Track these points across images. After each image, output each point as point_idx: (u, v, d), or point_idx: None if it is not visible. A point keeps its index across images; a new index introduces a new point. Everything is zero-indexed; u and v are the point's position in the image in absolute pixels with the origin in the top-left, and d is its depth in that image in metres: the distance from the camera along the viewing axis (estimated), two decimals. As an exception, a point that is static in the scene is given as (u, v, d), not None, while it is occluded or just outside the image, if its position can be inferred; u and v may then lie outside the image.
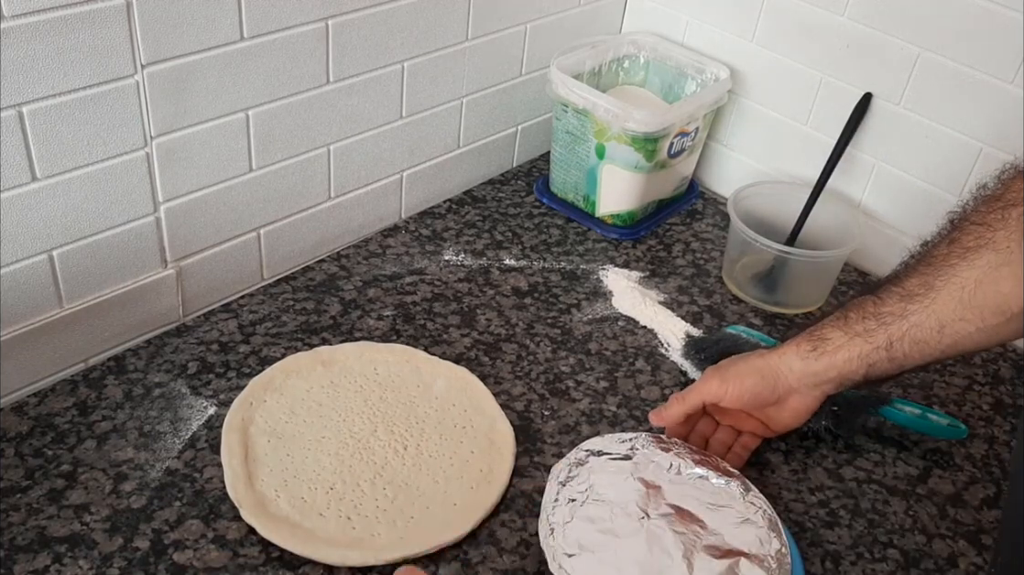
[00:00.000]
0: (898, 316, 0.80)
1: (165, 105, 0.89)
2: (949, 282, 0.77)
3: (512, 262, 1.17)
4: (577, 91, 1.18)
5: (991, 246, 0.76)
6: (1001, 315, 0.76)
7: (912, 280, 0.80)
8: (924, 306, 0.79)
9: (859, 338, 0.82)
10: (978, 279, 0.76)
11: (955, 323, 0.78)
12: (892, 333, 0.80)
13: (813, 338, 0.85)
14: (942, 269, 0.78)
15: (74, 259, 0.90)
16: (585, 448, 0.88)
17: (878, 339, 0.81)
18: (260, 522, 0.80)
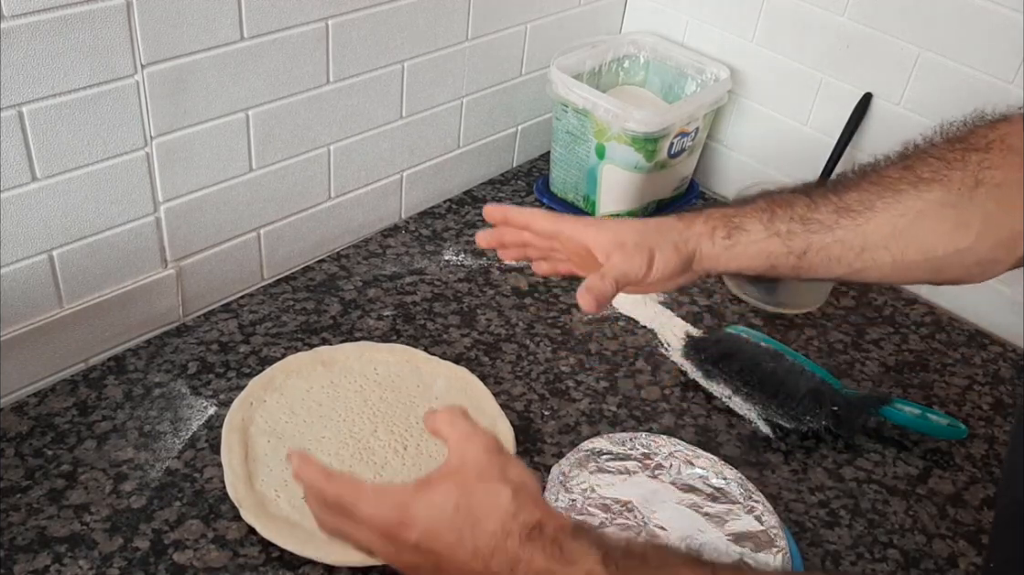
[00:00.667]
0: (826, 227, 0.75)
1: (165, 105, 0.89)
2: (891, 206, 0.74)
3: (512, 262, 1.16)
4: (577, 91, 1.18)
5: (944, 183, 0.72)
6: (922, 254, 0.73)
7: (852, 194, 0.75)
8: (856, 224, 0.74)
9: (777, 238, 0.76)
10: (920, 210, 0.73)
11: (877, 250, 0.74)
12: (812, 242, 0.75)
13: (731, 225, 0.78)
14: (888, 191, 0.74)
15: (74, 259, 0.90)
16: (585, 448, 0.88)
17: (795, 244, 0.76)
18: (260, 522, 0.80)
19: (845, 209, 0.75)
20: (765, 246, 0.77)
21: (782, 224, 0.76)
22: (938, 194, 0.73)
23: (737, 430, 0.97)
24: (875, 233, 0.74)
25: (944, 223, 0.72)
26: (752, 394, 0.97)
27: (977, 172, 0.72)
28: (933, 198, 0.73)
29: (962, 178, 0.72)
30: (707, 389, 1.00)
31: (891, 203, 0.74)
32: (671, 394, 1.00)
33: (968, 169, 0.72)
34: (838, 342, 1.10)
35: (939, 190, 0.73)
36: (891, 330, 1.13)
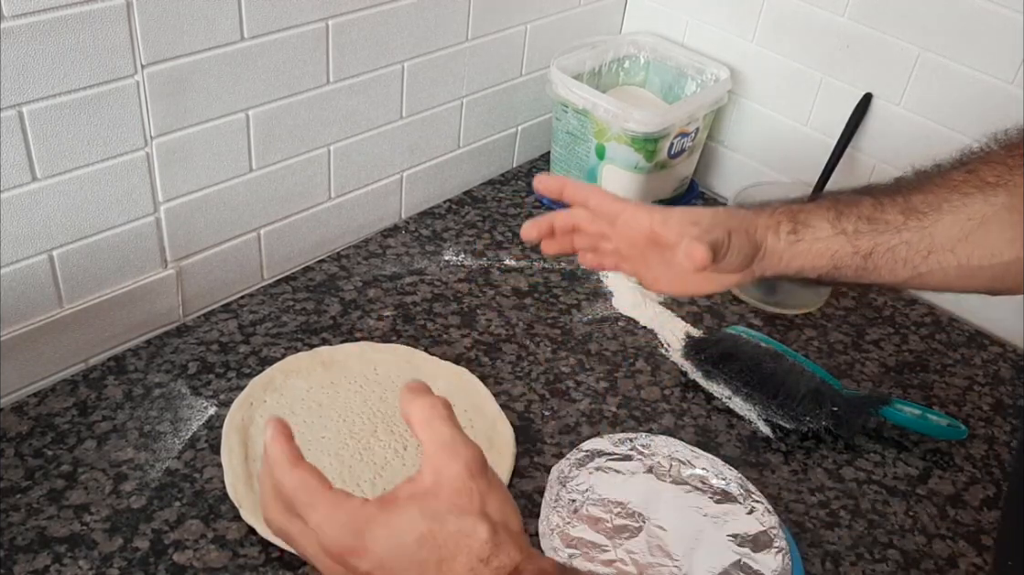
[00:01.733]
0: (894, 228, 0.73)
1: (165, 105, 0.89)
2: (959, 209, 0.72)
3: (512, 262, 1.17)
4: (577, 91, 1.18)
5: (1010, 188, 0.71)
6: (987, 260, 0.72)
7: (918, 196, 0.73)
8: (923, 226, 0.73)
9: (844, 236, 0.74)
10: (987, 215, 0.71)
11: (943, 252, 0.73)
12: (879, 243, 0.74)
13: (797, 220, 0.75)
14: (955, 194, 0.72)
15: (74, 259, 0.90)
16: (585, 449, 0.88)
17: (862, 244, 0.74)
18: (260, 522, 0.80)
19: (912, 210, 0.73)
20: (831, 244, 0.74)
21: (848, 223, 0.74)
22: (1004, 199, 0.71)
23: (737, 430, 0.97)
24: (942, 235, 0.72)
25: (1011, 229, 0.71)
26: (752, 394, 0.97)
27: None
28: (1000, 203, 0.71)
29: None
30: (707, 389, 1.00)
31: (958, 206, 0.72)
32: (671, 394, 1.00)
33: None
34: (838, 342, 1.10)
35: (1005, 195, 0.71)
36: (891, 330, 1.13)
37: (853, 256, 0.74)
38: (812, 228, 0.75)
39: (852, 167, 1.18)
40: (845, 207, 0.75)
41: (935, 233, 0.72)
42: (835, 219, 0.75)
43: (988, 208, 0.71)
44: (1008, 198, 0.71)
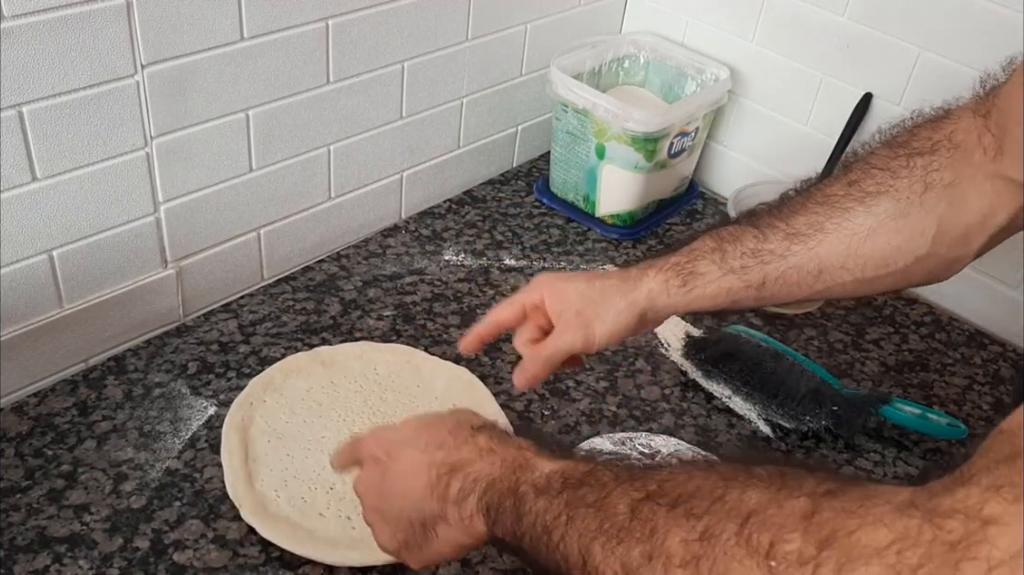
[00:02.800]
0: (778, 256, 0.74)
1: (165, 105, 0.89)
2: (841, 226, 0.72)
3: (512, 262, 1.17)
4: (577, 91, 1.18)
5: (892, 194, 0.72)
6: (883, 269, 0.73)
7: (800, 218, 0.74)
8: (808, 248, 0.73)
9: (733, 275, 0.75)
10: (872, 227, 0.72)
11: (835, 270, 0.73)
12: (768, 272, 0.74)
13: (684, 271, 0.76)
14: (836, 210, 0.73)
15: (74, 259, 0.90)
16: (585, 448, 0.88)
17: (752, 277, 0.75)
18: (260, 522, 0.80)
19: (795, 235, 0.74)
20: (722, 284, 0.76)
21: (734, 260, 0.75)
22: (887, 206, 0.72)
23: (737, 430, 0.97)
24: (829, 255, 0.73)
25: (898, 235, 0.72)
26: (752, 394, 0.97)
27: (924, 176, 0.71)
28: (882, 211, 0.72)
29: (909, 185, 0.72)
30: (707, 389, 1.00)
31: (841, 223, 0.73)
32: (671, 394, 1.00)
33: (915, 175, 0.71)
34: (838, 342, 1.10)
35: (887, 202, 0.72)
36: (891, 330, 1.13)
37: (746, 290, 0.75)
38: (701, 275, 0.76)
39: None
40: (729, 244, 0.76)
41: (822, 254, 0.73)
42: (721, 260, 0.76)
43: (871, 219, 0.72)
44: (892, 204, 0.71)
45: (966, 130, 0.71)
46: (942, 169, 0.71)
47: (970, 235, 0.71)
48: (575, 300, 0.77)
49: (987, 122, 0.70)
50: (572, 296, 0.77)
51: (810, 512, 0.43)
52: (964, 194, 0.70)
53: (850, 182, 0.74)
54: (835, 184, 0.74)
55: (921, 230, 0.71)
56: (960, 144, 0.71)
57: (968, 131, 0.71)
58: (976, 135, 0.70)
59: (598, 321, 0.76)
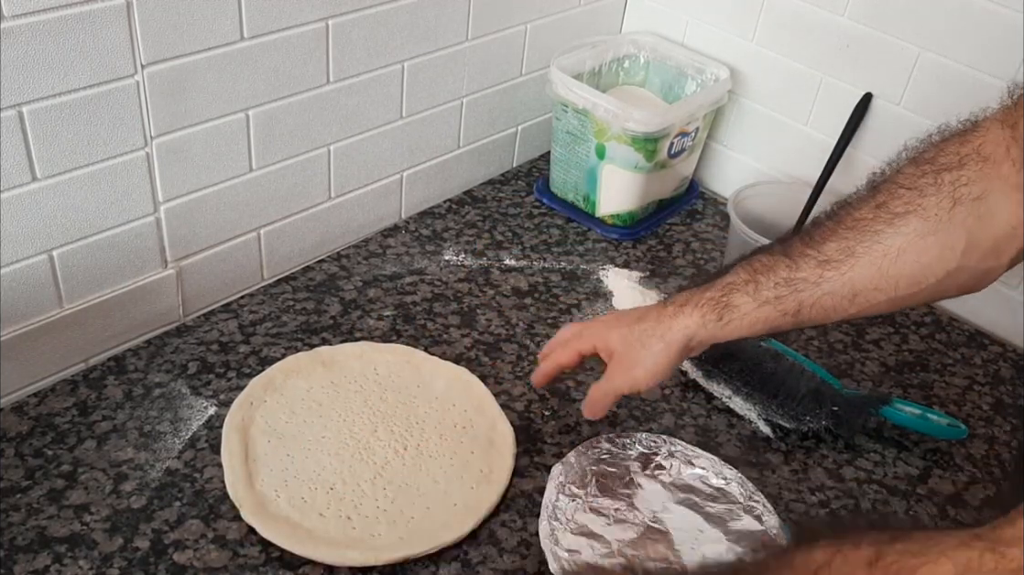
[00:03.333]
0: (812, 283, 0.76)
1: (165, 105, 0.89)
2: (871, 249, 0.74)
3: (512, 262, 1.17)
4: (577, 91, 1.18)
5: (919, 213, 0.72)
6: (916, 286, 0.73)
7: (831, 244, 0.75)
8: (841, 273, 0.75)
9: (768, 305, 0.77)
10: (901, 248, 0.73)
11: (869, 292, 0.74)
12: (803, 300, 0.76)
13: (719, 306, 0.79)
14: (865, 234, 0.74)
15: (74, 259, 0.90)
16: (585, 448, 0.88)
17: (787, 305, 0.77)
18: (260, 522, 0.80)
19: (827, 262, 0.75)
20: (759, 314, 0.77)
21: (768, 291, 0.77)
22: (916, 225, 0.72)
23: (737, 430, 0.97)
24: (862, 279, 0.74)
25: (928, 253, 0.72)
26: (752, 394, 0.97)
27: (952, 192, 0.71)
28: (911, 230, 0.72)
29: (937, 203, 0.72)
30: (707, 389, 1.00)
31: (871, 246, 0.74)
32: (671, 394, 1.00)
33: (942, 192, 0.72)
34: (838, 342, 1.10)
35: (916, 221, 0.72)
36: (891, 330, 1.13)
37: (783, 317, 0.77)
38: (736, 307, 0.78)
39: (852, 167, 1.18)
40: (762, 275, 0.78)
41: (854, 278, 0.74)
42: (755, 291, 0.78)
43: (900, 240, 0.73)
44: (920, 223, 0.72)
45: (995, 142, 0.71)
46: (970, 183, 0.71)
47: (1000, 247, 0.71)
48: (618, 346, 0.82)
49: (1015, 133, 0.70)
50: (616, 343, 0.83)
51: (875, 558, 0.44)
52: (993, 207, 0.70)
53: (878, 204, 0.74)
54: (863, 207, 0.75)
55: (951, 245, 0.71)
56: (989, 157, 0.71)
57: (996, 143, 0.71)
58: (1005, 147, 0.70)
59: (639, 366, 0.81)
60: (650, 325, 0.81)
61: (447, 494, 0.85)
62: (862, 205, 0.75)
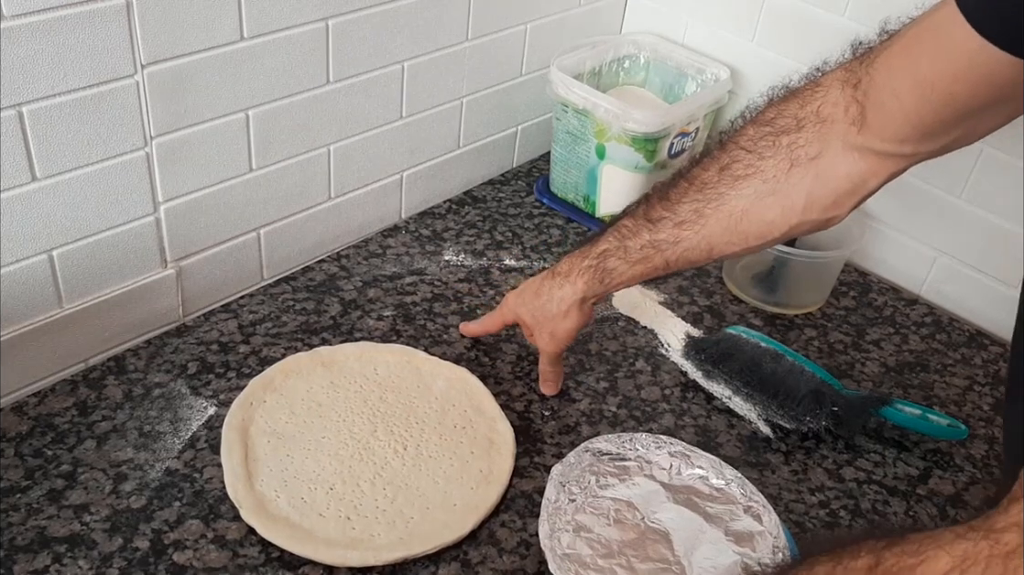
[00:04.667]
0: (672, 243, 0.83)
1: (165, 105, 0.89)
2: (718, 210, 0.80)
3: (512, 262, 1.17)
4: (577, 91, 1.18)
5: (759, 175, 0.78)
6: (764, 238, 0.80)
7: (684, 206, 0.82)
8: (695, 231, 0.82)
9: (639, 264, 0.86)
10: (744, 209, 0.79)
11: (723, 245, 0.82)
12: (668, 257, 0.84)
13: (598, 271, 0.88)
14: (712, 197, 0.81)
15: (74, 259, 0.90)
16: (585, 448, 0.88)
17: (655, 262, 0.85)
18: (260, 522, 0.80)
19: (681, 223, 0.83)
20: (634, 273, 0.87)
21: (636, 254, 0.86)
22: (756, 187, 0.78)
23: (737, 430, 0.97)
24: (714, 236, 0.81)
25: (770, 212, 0.78)
26: (752, 395, 0.97)
27: (790, 154, 0.76)
28: (752, 193, 0.79)
29: (775, 165, 0.77)
30: (707, 389, 1.00)
31: (717, 208, 0.80)
32: (671, 394, 1.00)
33: (780, 154, 0.77)
34: (838, 342, 1.10)
35: (756, 183, 0.78)
36: (891, 330, 1.13)
37: (655, 270, 0.86)
38: (613, 270, 0.88)
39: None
40: (629, 240, 0.86)
41: (708, 236, 0.82)
42: (625, 255, 0.87)
43: (743, 202, 0.79)
44: (760, 185, 0.78)
45: (834, 103, 0.75)
46: (808, 144, 0.76)
47: (840, 201, 0.77)
48: (531, 321, 0.94)
49: (855, 92, 0.73)
50: (528, 318, 0.95)
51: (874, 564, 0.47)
52: (830, 165, 0.75)
53: (722, 167, 0.81)
54: (711, 168, 0.82)
55: (791, 205, 0.77)
56: (827, 118, 0.75)
57: (835, 104, 0.75)
58: (843, 107, 0.74)
59: (555, 333, 0.93)
60: (546, 299, 0.92)
61: (447, 494, 0.85)
62: (710, 166, 0.82)
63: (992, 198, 1.10)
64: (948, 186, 1.12)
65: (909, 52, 0.69)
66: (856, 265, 1.23)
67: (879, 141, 0.72)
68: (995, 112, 0.68)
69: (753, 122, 0.80)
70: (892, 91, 0.70)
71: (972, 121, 0.69)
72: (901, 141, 0.71)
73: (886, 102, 0.70)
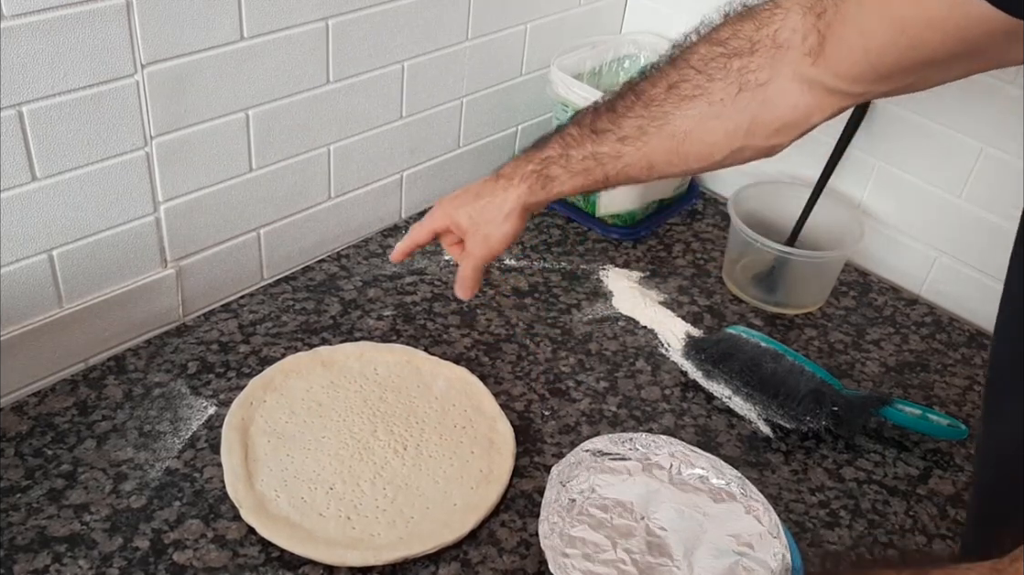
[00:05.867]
0: (613, 157, 0.82)
1: (165, 105, 0.89)
2: (662, 129, 0.79)
3: (512, 262, 1.17)
4: (577, 91, 1.18)
5: (706, 97, 0.76)
6: (705, 161, 0.80)
7: (629, 121, 0.81)
8: (636, 148, 0.81)
9: (579, 175, 0.85)
10: (688, 129, 0.78)
11: (663, 165, 0.81)
12: (608, 171, 0.83)
13: (541, 177, 0.87)
14: (656, 115, 0.79)
15: (74, 259, 0.90)
16: (585, 448, 0.88)
17: (596, 176, 0.84)
18: (260, 522, 0.80)
19: (625, 138, 0.81)
20: (575, 183, 0.86)
21: (577, 164, 0.85)
22: (701, 109, 0.77)
23: (737, 430, 0.97)
24: (656, 154, 0.81)
25: (713, 134, 0.77)
26: (752, 394, 0.97)
27: (739, 79, 0.75)
28: (697, 114, 0.77)
29: (724, 87, 0.75)
30: (707, 389, 1.00)
31: (661, 127, 0.79)
32: (671, 394, 1.00)
33: (730, 78, 0.75)
34: (838, 342, 1.10)
35: (702, 105, 0.77)
36: (891, 330, 1.13)
37: (595, 184, 0.85)
38: (555, 178, 0.86)
39: (852, 167, 1.18)
40: (572, 149, 0.85)
41: (649, 154, 0.81)
42: (567, 164, 0.85)
43: (687, 122, 0.78)
44: (706, 107, 0.77)
45: (792, 28, 0.72)
46: (759, 70, 0.74)
47: (785, 129, 0.76)
48: (467, 223, 0.90)
49: (818, 22, 0.70)
50: (464, 221, 0.90)
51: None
52: (778, 93, 0.73)
53: (670, 85, 0.79)
54: (660, 84, 0.80)
55: (734, 129, 0.76)
56: (783, 44, 0.73)
57: (794, 30, 0.72)
58: (801, 35, 0.72)
59: (491, 236, 0.89)
60: (487, 200, 0.89)
61: (447, 494, 0.85)
62: (658, 82, 0.80)
63: (992, 198, 1.10)
64: (948, 186, 1.12)
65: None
66: (856, 265, 1.23)
67: (832, 76, 0.70)
68: (958, 65, 0.66)
69: (706, 39, 0.77)
70: (858, 27, 0.67)
71: (932, 70, 0.67)
72: (854, 79, 0.69)
73: (848, 37, 0.68)
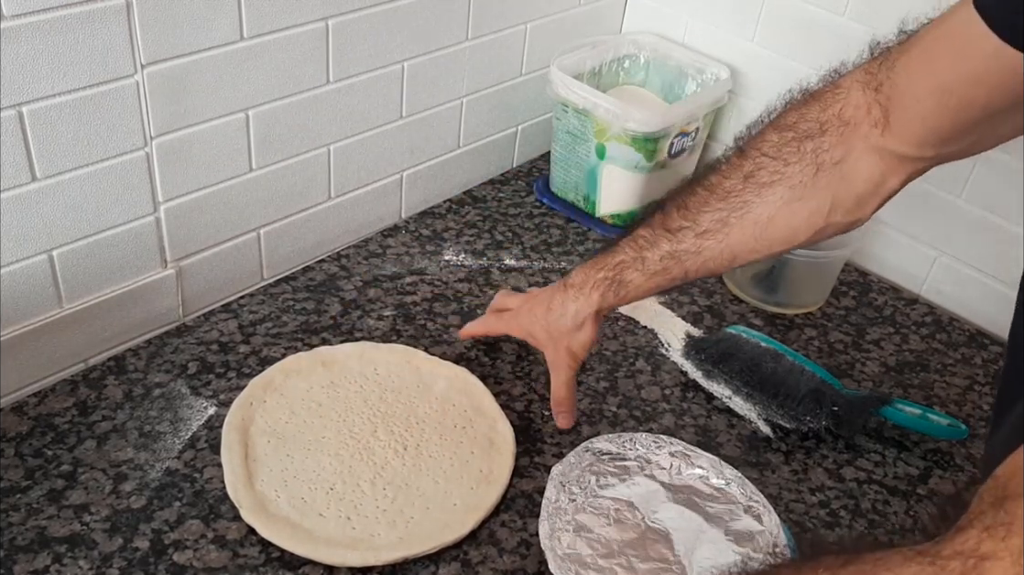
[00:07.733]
0: (693, 253, 0.82)
1: (165, 105, 0.89)
2: (743, 219, 0.79)
3: (512, 262, 1.17)
4: (577, 91, 1.18)
5: (785, 182, 0.77)
6: (788, 243, 0.80)
7: (706, 216, 0.81)
8: (718, 241, 0.81)
9: (657, 275, 0.85)
10: (771, 216, 0.78)
11: (746, 253, 0.81)
12: (688, 267, 0.83)
13: (614, 283, 0.87)
14: (736, 206, 0.80)
15: (74, 259, 0.90)
16: (585, 448, 0.88)
17: (674, 273, 0.84)
18: (260, 522, 0.80)
19: (704, 232, 0.81)
20: (651, 285, 0.86)
21: (655, 265, 0.84)
22: (782, 194, 0.78)
23: (737, 430, 0.97)
24: (738, 244, 0.81)
25: (796, 217, 0.78)
26: (752, 394, 0.97)
27: (815, 159, 0.76)
28: (778, 199, 0.78)
29: (801, 170, 0.77)
30: (707, 389, 1.00)
31: (743, 216, 0.80)
32: (671, 394, 1.00)
33: (805, 159, 0.76)
34: (838, 342, 1.10)
35: (782, 190, 0.78)
36: (891, 330, 1.13)
37: (672, 281, 0.85)
38: (630, 282, 0.86)
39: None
40: (648, 251, 0.85)
41: (731, 245, 0.81)
42: (643, 266, 0.85)
43: (769, 208, 0.78)
44: (786, 191, 0.78)
45: (855, 105, 0.74)
46: (832, 148, 0.75)
47: (864, 202, 0.76)
48: (544, 338, 0.92)
49: (877, 95, 0.73)
50: (541, 335, 0.92)
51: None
52: (854, 168, 0.75)
53: (746, 175, 0.79)
54: (733, 176, 0.80)
55: (817, 209, 0.77)
56: (849, 120, 0.75)
57: (857, 106, 0.74)
58: (865, 109, 0.74)
59: (572, 348, 0.90)
60: (560, 313, 0.90)
61: (447, 494, 0.85)
62: (731, 174, 0.80)
63: (992, 198, 1.10)
64: (948, 186, 1.12)
65: (928, 55, 0.68)
66: (856, 265, 1.23)
67: (901, 144, 0.72)
68: (1014, 116, 0.67)
69: (774, 127, 0.79)
70: (913, 95, 0.69)
71: (990, 125, 0.68)
72: (920, 145, 0.71)
73: (908, 106, 0.70)
